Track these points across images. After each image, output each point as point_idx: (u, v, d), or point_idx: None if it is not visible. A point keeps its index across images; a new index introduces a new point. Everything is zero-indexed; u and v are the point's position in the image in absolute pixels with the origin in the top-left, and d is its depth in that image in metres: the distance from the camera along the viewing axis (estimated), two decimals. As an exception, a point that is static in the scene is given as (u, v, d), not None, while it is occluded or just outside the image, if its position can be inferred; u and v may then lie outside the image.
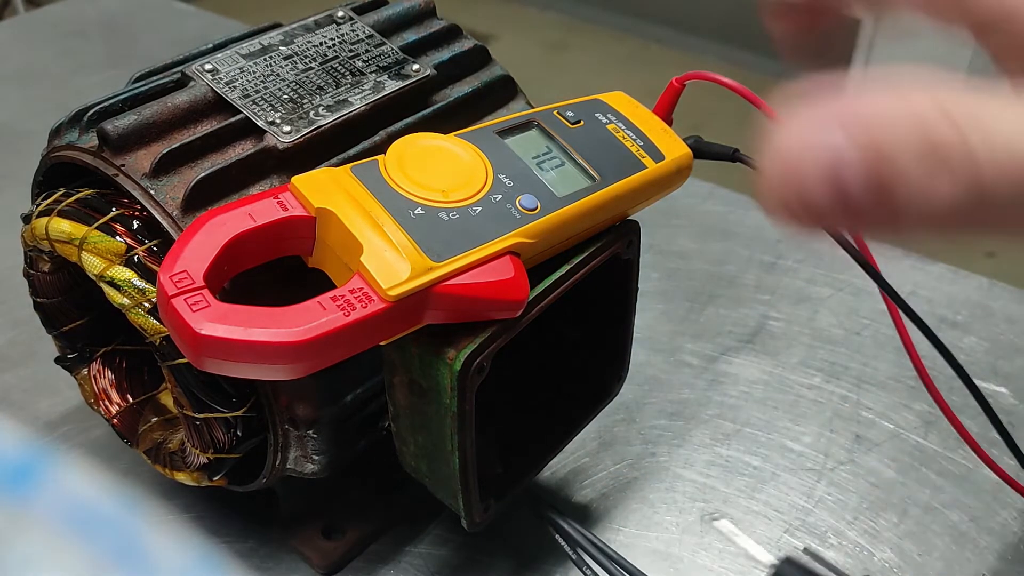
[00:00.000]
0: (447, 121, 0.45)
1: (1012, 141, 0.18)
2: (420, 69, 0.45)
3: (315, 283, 0.35)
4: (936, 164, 0.18)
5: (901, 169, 0.18)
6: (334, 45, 0.46)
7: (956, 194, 0.18)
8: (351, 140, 0.42)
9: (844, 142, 0.19)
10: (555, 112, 0.42)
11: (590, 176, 0.40)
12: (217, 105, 0.42)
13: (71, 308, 0.47)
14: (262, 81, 0.43)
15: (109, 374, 0.48)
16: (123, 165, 0.39)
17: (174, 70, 0.44)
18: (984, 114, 0.19)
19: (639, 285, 0.45)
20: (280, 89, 0.43)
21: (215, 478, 0.43)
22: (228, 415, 0.40)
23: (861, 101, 0.19)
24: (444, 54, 0.48)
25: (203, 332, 0.31)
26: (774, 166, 0.20)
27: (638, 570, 0.45)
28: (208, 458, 0.42)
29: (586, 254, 0.40)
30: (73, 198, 0.40)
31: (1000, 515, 0.52)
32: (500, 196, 0.38)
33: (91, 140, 0.41)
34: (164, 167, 0.39)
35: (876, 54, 1.97)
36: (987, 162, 0.18)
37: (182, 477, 0.44)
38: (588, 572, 0.45)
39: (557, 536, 0.45)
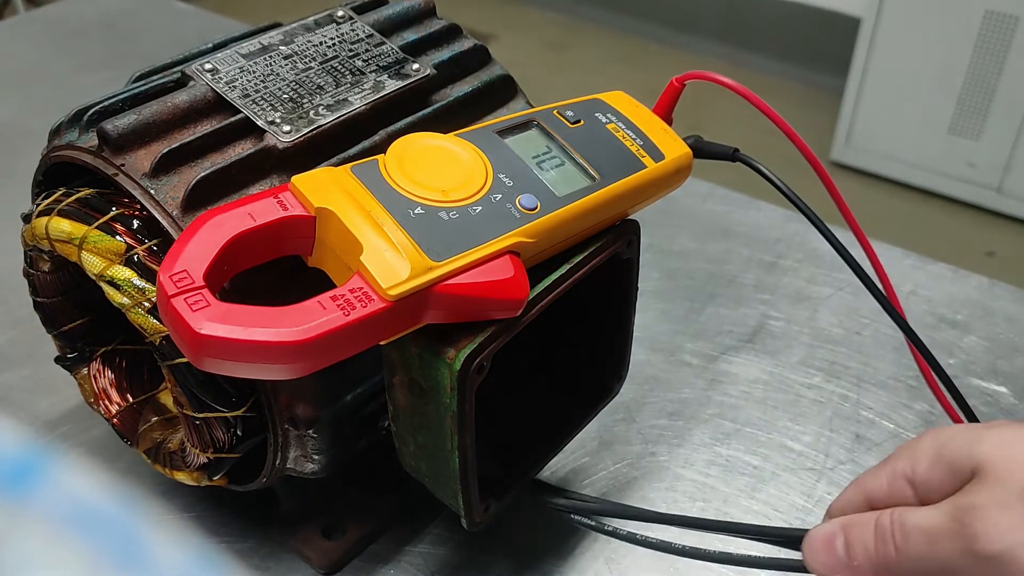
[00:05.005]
0: (447, 121, 0.45)
1: (913, 531, 0.35)
2: (420, 68, 0.45)
3: (315, 283, 0.35)
4: (879, 539, 0.35)
5: (861, 541, 0.36)
6: (334, 45, 0.46)
7: (887, 554, 0.35)
8: (351, 140, 0.42)
9: (838, 530, 0.37)
10: (555, 112, 0.42)
11: (590, 176, 0.40)
12: (217, 105, 0.42)
13: (71, 308, 0.47)
14: (262, 81, 0.43)
15: (109, 374, 0.48)
16: (123, 165, 0.39)
17: (174, 70, 0.44)
18: (905, 512, 0.35)
19: (639, 285, 0.45)
20: (280, 89, 0.43)
21: (215, 478, 0.43)
22: (228, 415, 0.40)
23: (854, 515, 0.37)
24: (444, 53, 0.48)
25: (203, 332, 0.31)
26: (806, 543, 0.38)
27: (659, 514, 0.44)
28: (208, 458, 0.42)
29: (586, 254, 0.40)
30: (73, 198, 0.40)
31: (1000, 515, 0.51)
32: (500, 196, 0.38)
33: (91, 140, 0.41)
34: (164, 167, 0.39)
35: (876, 54, 1.97)
36: (900, 541, 0.35)
37: (182, 477, 0.44)
38: (611, 528, 0.44)
39: (572, 516, 0.45)
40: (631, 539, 0.44)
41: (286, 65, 0.44)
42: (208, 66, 0.43)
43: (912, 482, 0.36)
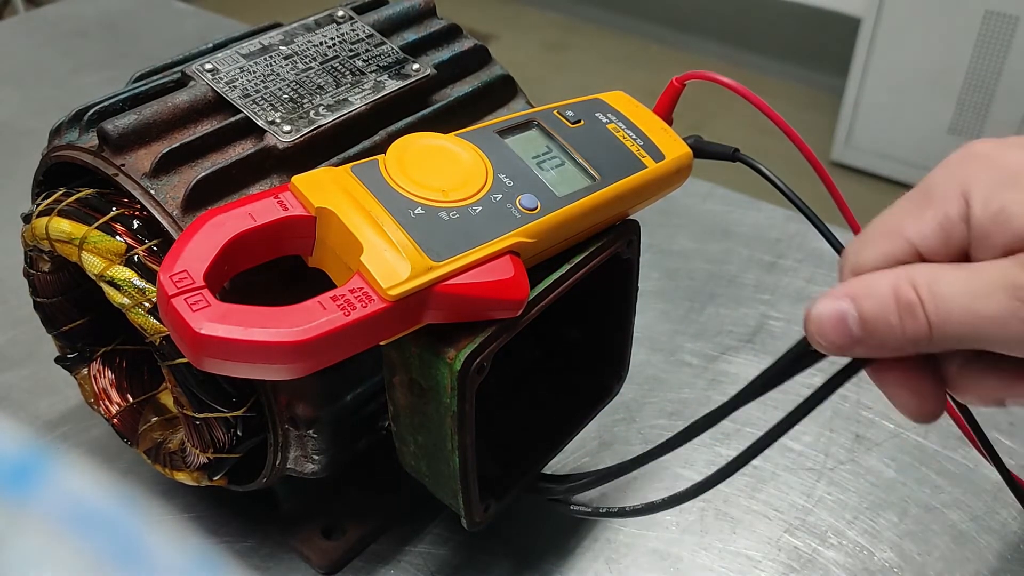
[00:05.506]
0: (447, 121, 0.45)
1: (952, 300, 0.28)
2: (420, 69, 0.45)
3: (315, 283, 0.35)
4: (904, 312, 0.29)
5: (882, 317, 0.29)
6: (334, 44, 0.46)
7: (917, 330, 0.29)
8: (351, 140, 0.42)
9: (848, 305, 0.30)
10: (555, 112, 0.42)
11: (590, 176, 0.40)
12: (217, 105, 0.42)
13: (71, 308, 0.47)
14: (262, 81, 0.43)
15: (109, 374, 0.48)
16: (123, 165, 0.39)
17: (174, 70, 0.44)
18: (937, 278, 0.28)
19: (639, 285, 0.45)
20: (280, 89, 0.43)
21: (215, 478, 0.43)
22: (228, 415, 0.40)
23: (860, 280, 0.30)
24: (444, 54, 0.48)
25: (203, 332, 0.31)
26: (811, 322, 0.31)
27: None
28: (208, 458, 0.42)
29: (586, 254, 0.40)
30: (73, 198, 0.40)
31: (1000, 515, 0.51)
32: (500, 196, 0.38)
33: (91, 140, 0.41)
34: (164, 167, 0.39)
35: (876, 54, 1.97)
36: (933, 313, 0.28)
37: (182, 477, 0.44)
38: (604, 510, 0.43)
39: (571, 508, 0.44)
40: (622, 514, 0.43)
41: (286, 65, 0.44)
42: (208, 66, 0.43)
43: (969, 223, 0.28)
